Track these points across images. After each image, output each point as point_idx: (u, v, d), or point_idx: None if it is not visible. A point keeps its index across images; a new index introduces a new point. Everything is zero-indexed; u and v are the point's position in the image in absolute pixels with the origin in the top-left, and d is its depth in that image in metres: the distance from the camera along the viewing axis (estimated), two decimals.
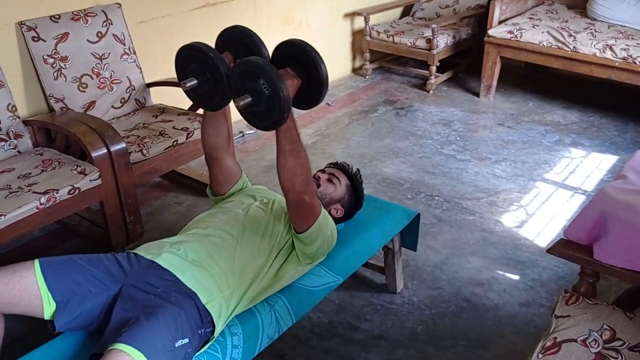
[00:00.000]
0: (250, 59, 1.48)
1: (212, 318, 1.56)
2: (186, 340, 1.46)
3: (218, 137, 1.85)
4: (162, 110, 2.96)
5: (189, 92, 1.66)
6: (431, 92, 4.41)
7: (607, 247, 1.58)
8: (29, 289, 1.51)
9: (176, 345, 1.43)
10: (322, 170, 2.12)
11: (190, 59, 1.64)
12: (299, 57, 1.60)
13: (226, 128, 1.86)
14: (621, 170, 1.83)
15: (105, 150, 2.36)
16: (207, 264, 1.65)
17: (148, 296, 1.54)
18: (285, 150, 1.59)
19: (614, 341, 1.44)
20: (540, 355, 1.43)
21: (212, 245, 1.70)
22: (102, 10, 2.84)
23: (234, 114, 2.18)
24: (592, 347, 1.42)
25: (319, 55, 1.58)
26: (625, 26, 3.97)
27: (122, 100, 2.92)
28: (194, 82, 1.59)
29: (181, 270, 1.62)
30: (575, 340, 1.45)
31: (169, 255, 1.66)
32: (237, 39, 1.67)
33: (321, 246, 1.79)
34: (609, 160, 3.41)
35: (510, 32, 3.97)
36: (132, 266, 1.64)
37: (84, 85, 2.77)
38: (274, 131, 1.59)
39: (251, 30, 1.67)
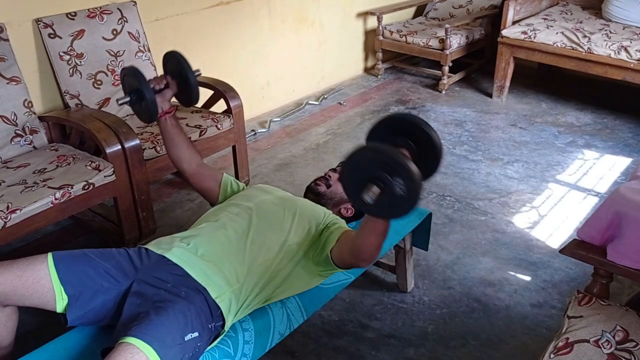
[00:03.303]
0: (391, 153, 1.33)
1: (222, 312, 1.57)
2: (196, 334, 1.47)
3: (177, 150, 1.94)
4: (176, 107, 2.96)
5: (130, 106, 1.92)
6: (443, 92, 4.40)
7: (621, 248, 1.57)
8: (42, 282, 1.53)
9: (186, 339, 1.44)
10: (334, 169, 2.11)
11: (126, 80, 1.90)
12: (414, 133, 1.54)
13: (183, 140, 1.94)
14: (636, 171, 1.82)
15: (120, 147, 2.38)
16: (217, 258, 1.66)
17: (158, 291, 1.55)
18: (378, 231, 1.51)
19: (627, 342, 1.43)
20: (552, 356, 1.42)
21: (222, 239, 1.71)
22: (118, 8, 2.87)
23: (249, 111, 2.17)
24: (604, 348, 1.42)
25: (437, 135, 1.54)
26: None
27: None
28: (127, 99, 1.85)
29: (191, 265, 1.62)
30: (588, 341, 1.44)
31: (178, 250, 1.67)
32: (172, 59, 1.91)
33: None
34: (622, 162, 3.38)
35: (524, 32, 3.95)
36: (143, 261, 1.65)
37: (99, 82, 2.79)
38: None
39: (178, 54, 1.89)
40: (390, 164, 1.31)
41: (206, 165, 2.02)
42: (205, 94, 3.06)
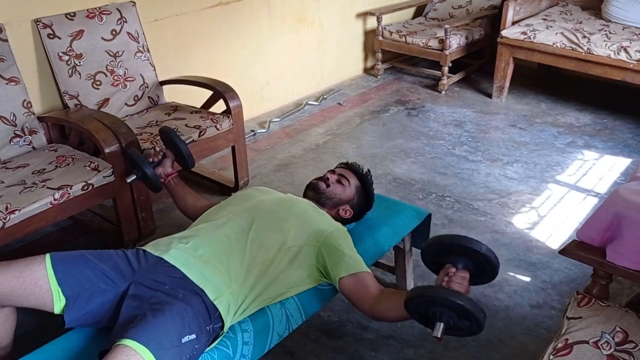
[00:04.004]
0: (468, 304, 1.38)
1: (220, 314, 1.56)
2: (193, 336, 1.46)
3: (184, 203, 2.13)
4: (175, 108, 2.98)
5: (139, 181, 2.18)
6: (443, 92, 4.40)
7: (621, 248, 1.57)
8: (40, 283, 1.53)
9: (183, 341, 1.44)
10: (332, 171, 2.11)
11: (130, 160, 2.26)
12: (470, 254, 1.57)
13: (187, 193, 2.15)
14: (635, 172, 1.82)
15: (119, 147, 2.38)
16: (215, 258, 1.65)
17: (155, 293, 1.55)
18: (406, 316, 1.57)
19: (626, 343, 1.43)
20: (551, 357, 1.42)
21: (221, 239, 1.71)
22: (117, 8, 2.87)
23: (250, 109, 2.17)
24: (604, 349, 1.42)
25: (494, 255, 1.55)
26: None
27: (136, 98, 2.94)
28: (134, 177, 2.15)
29: (188, 266, 1.62)
30: (587, 342, 1.44)
31: (176, 251, 1.66)
32: (165, 134, 2.27)
33: None
34: (622, 162, 3.38)
35: (524, 33, 3.95)
36: (141, 263, 1.65)
37: (98, 83, 2.79)
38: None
39: (169, 129, 2.27)
40: (464, 312, 1.38)
41: (207, 203, 2.14)
42: (204, 94, 3.07)
